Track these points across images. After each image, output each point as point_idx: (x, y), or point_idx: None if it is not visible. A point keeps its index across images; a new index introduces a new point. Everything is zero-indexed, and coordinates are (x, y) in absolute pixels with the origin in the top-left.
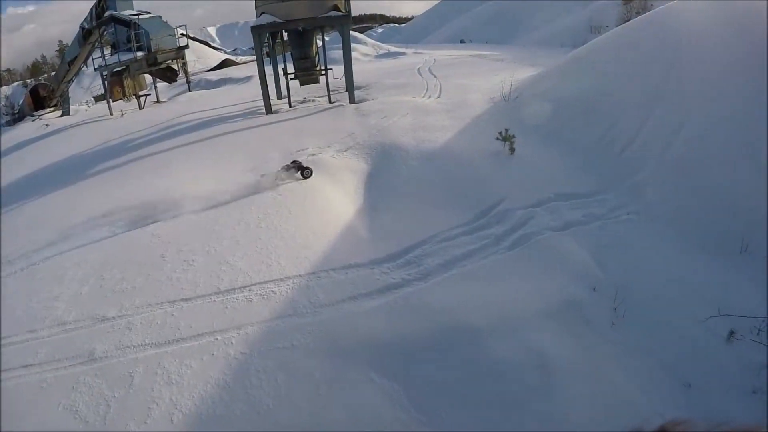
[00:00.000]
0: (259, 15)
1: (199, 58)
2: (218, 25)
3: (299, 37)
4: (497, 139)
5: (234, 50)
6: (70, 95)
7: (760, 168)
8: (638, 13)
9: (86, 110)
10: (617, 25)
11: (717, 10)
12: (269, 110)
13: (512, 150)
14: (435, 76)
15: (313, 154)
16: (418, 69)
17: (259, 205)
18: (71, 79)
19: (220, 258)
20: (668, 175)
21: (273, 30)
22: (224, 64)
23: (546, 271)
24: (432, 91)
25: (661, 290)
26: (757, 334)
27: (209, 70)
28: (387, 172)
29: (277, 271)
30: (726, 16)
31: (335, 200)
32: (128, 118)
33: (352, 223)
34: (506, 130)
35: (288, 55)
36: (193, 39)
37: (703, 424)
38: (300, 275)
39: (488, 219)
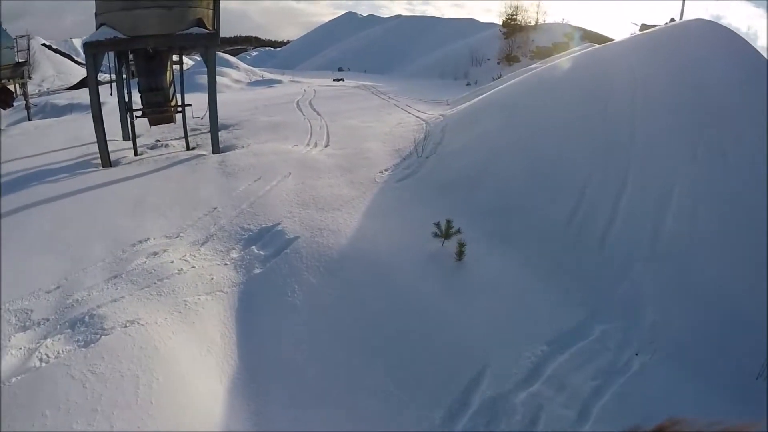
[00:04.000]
0: (98, 27)
1: (60, 74)
2: (84, 38)
3: (149, 60)
4: (435, 234)
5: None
6: None
7: None
8: (519, 48)
9: None
10: (498, 59)
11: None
12: (106, 162)
13: (461, 254)
14: (318, 114)
15: (156, 253)
16: (298, 102)
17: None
18: None
19: None
20: (664, 277)
21: (113, 49)
22: (85, 82)
23: None
24: (318, 137)
25: None
26: None
27: (68, 89)
28: (269, 294)
29: None
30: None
31: (192, 372)
32: None
33: None
34: (448, 222)
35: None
36: (56, 51)
37: (701, 422)
38: None
39: (472, 418)
